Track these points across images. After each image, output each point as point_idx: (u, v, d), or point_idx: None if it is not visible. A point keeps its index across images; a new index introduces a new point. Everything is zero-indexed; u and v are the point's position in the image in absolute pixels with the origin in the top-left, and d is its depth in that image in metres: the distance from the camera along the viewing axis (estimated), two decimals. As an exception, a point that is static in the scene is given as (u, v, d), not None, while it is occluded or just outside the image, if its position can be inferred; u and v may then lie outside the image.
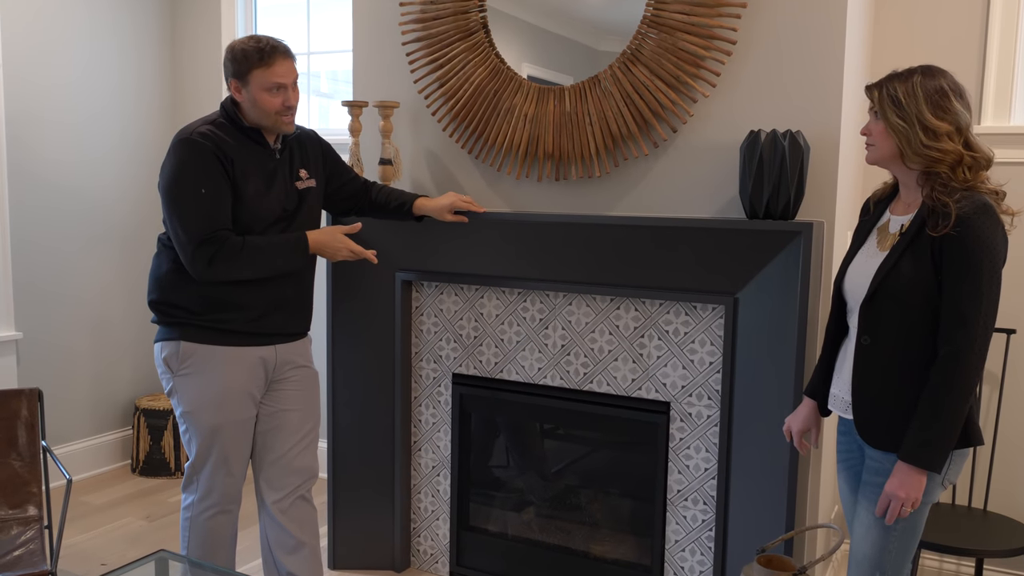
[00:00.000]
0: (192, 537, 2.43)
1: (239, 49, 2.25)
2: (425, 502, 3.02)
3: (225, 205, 2.24)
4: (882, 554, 1.88)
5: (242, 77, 2.25)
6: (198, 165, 2.21)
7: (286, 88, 2.26)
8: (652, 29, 2.44)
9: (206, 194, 2.20)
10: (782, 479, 2.34)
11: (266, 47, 2.23)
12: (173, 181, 2.22)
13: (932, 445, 1.76)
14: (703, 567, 2.56)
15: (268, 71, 2.22)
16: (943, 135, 1.76)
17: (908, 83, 1.79)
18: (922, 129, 1.77)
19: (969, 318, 1.73)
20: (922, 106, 1.77)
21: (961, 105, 1.78)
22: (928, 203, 1.78)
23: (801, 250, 2.24)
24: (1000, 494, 2.74)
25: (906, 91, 1.79)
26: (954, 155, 1.76)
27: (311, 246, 2.36)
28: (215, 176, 2.21)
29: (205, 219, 2.20)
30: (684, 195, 2.53)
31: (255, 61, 2.23)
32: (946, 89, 1.78)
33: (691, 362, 2.51)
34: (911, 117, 1.78)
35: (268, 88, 2.24)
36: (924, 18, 2.76)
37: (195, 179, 2.20)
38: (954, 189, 1.76)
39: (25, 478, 2.57)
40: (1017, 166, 2.65)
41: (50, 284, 3.74)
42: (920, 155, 1.79)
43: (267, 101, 2.25)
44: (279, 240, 2.31)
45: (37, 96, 3.64)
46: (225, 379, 2.32)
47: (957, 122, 1.77)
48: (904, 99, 1.78)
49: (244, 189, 2.26)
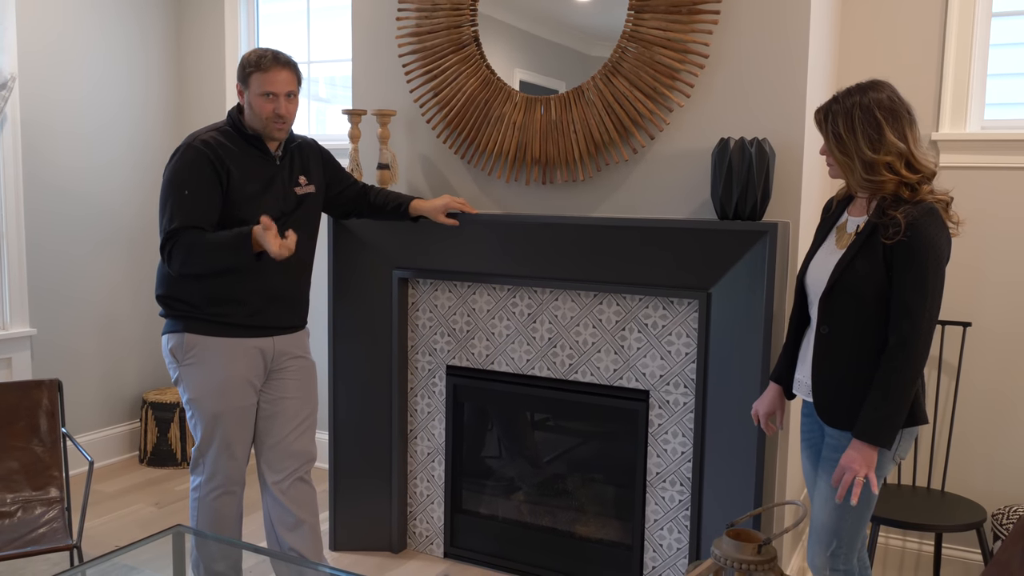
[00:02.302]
0: (200, 516, 2.60)
1: (246, 56, 2.46)
2: (421, 487, 3.20)
3: (204, 208, 2.39)
4: (839, 523, 2.06)
5: (244, 81, 2.45)
6: (189, 169, 2.39)
7: (278, 97, 2.42)
8: (631, 43, 2.63)
9: (188, 195, 2.38)
10: (751, 461, 2.53)
11: (266, 55, 2.43)
12: (167, 180, 2.42)
13: (883, 424, 1.94)
14: (680, 544, 2.74)
15: (263, 77, 2.41)
16: (881, 166, 1.93)
17: (849, 117, 1.95)
18: (861, 164, 1.96)
19: (915, 310, 1.91)
20: (860, 142, 1.94)
21: (896, 134, 1.93)
22: (873, 219, 1.97)
23: (767, 248, 2.43)
24: (956, 476, 2.93)
25: (846, 126, 1.96)
26: (892, 183, 1.94)
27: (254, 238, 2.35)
28: (203, 181, 2.39)
29: (179, 217, 2.37)
30: (661, 198, 2.72)
31: (254, 67, 2.43)
32: (881, 121, 1.93)
33: (668, 353, 2.70)
34: (851, 152, 1.96)
35: (262, 94, 2.42)
36: (885, 32, 2.95)
37: (182, 181, 2.39)
38: (901, 201, 1.95)
39: (47, 462, 2.75)
40: (972, 170, 2.85)
41: (62, 284, 3.91)
42: (862, 186, 1.99)
43: (261, 106, 2.43)
44: (226, 236, 2.36)
45: (51, 108, 3.82)
46: (226, 368, 2.49)
47: (896, 150, 1.93)
48: (845, 135, 1.96)
49: (241, 192, 2.44)
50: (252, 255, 2.36)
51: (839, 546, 2.08)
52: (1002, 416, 2.87)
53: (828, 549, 2.09)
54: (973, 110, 2.87)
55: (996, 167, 2.81)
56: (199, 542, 2.55)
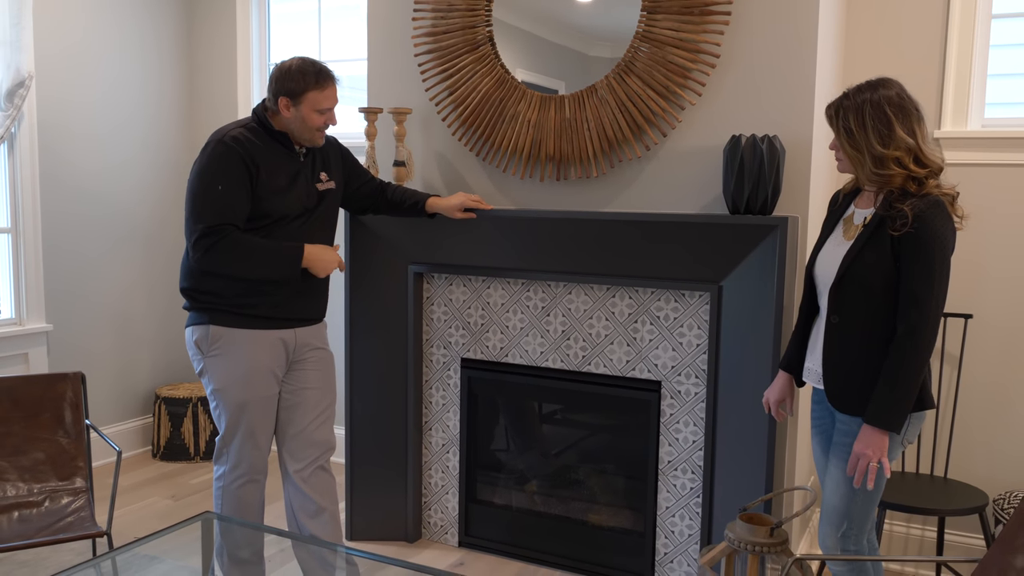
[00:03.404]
0: (224, 504, 2.66)
1: (296, 69, 2.45)
2: (435, 478, 3.26)
3: (237, 204, 2.44)
4: (850, 505, 2.14)
5: (295, 96, 2.46)
6: (221, 164, 2.44)
7: (331, 111, 2.51)
8: (644, 43, 2.71)
9: (222, 191, 2.42)
10: (762, 448, 2.60)
11: (323, 71, 2.47)
12: (197, 174, 2.46)
13: (892, 409, 2.02)
14: (691, 531, 2.82)
15: (322, 94, 2.46)
16: (890, 161, 2.01)
17: (860, 112, 2.03)
18: (871, 159, 2.03)
19: (923, 300, 1.99)
20: (871, 137, 2.02)
21: (905, 129, 2.01)
22: (880, 212, 2.05)
23: (778, 242, 2.50)
24: (959, 463, 3.02)
25: (856, 122, 2.03)
26: (900, 177, 2.02)
27: (304, 259, 2.51)
28: (235, 177, 2.44)
29: (214, 212, 2.42)
30: (673, 193, 2.79)
31: (312, 83, 2.45)
32: (891, 117, 2.01)
33: (680, 344, 2.77)
34: (862, 147, 2.04)
35: (320, 109, 2.48)
36: (889, 33, 3.03)
37: (215, 176, 2.43)
38: (908, 195, 2.03)
39: (72, 453, 2.81)
40: (974, 167, 2.93)
41: (78, 282, 3.97)
42: (870, 179, 2.07)
43: (314, 120, 2.49)
44: (275, 247, 2.46)
45: (66, 110, 3.88)
46: (251, 359, 2.55)
47: (904, 145, 2.01)
48: (856, 130, 2.03)
49: (268, 187, 2.49)
50: (299, 272, 2.47)
51: (849, 527, 2.15)
52: (1002, 405, 2.96)
53: (839, 530, 2.16)
54: (974, 108, 2.96)
55: (997, 164, 2.90)
56: (224, 529, 2.61)
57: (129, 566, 2.38)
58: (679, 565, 2.85)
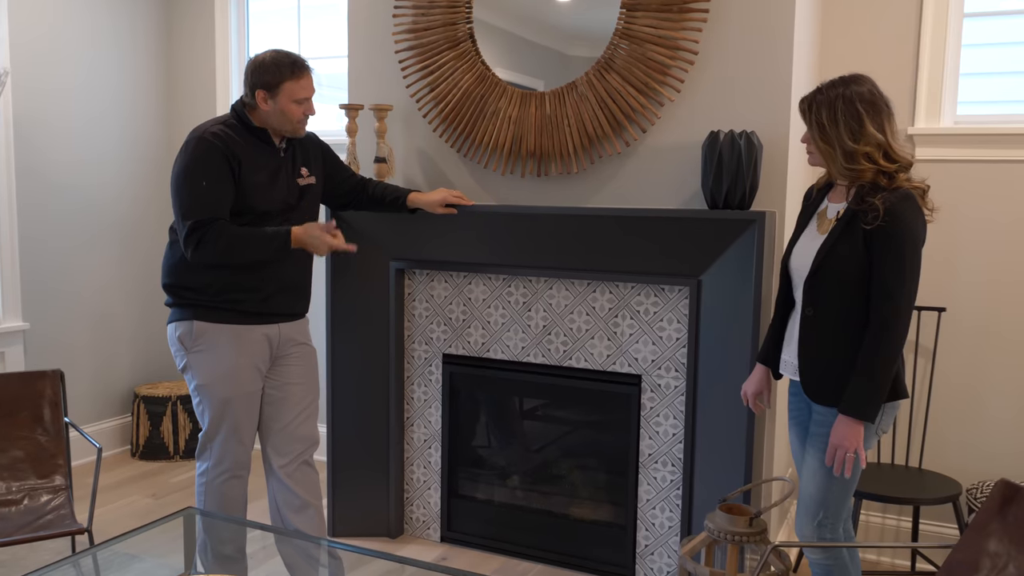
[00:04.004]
0: (208, 500, 2.66)
1: (270, 61, 2.47)
2: (418, 473, 3.27)
3: (223, 198, 2.46)
4: (826, 494, 2.18)
5: (272, 88, 2.47)
6: (204, 160, 2.44)
7: (309, 100, 2.51)
8: (624, 40, 2.74)
9: (206, 186, 2.44)
10: (741, 440, 2.64)
11: (298, 62, 2.48)
12: (180, 172, 2.46)
13: (866, 399, 2.06)
14: (671, 522, 2.85)
15: (298, 84, 2.47)
16: (860, 156, 2.05)
17: (832, 108, 2.06)
18: (842, 154, 2.07)
19: (895, 291, 2.03)
20: (842, 133, 2.06)
21: (875, 125, 2.05)
22: (853, 206, 2.08)
23: (756, 236, 2.54)
24: (933, 453, 3.07)
25: (828, 117, 2.07)
26: (871, 171, 2.06)
27: (293, 242, 2.52)
28: (218, 172, 2.45)
29: (201, 207, 2.43)
30: (653, 189, 2.83)
31: (287, 74, 2.46)
32: (862, 113, 2.04)
33: (660, 338, 2.80)
34: (833, 141, 2.07)
35: (297, 100, 2.48)
36: (864, 32, 3.08)
37: (199, 172, 2.44)
38: (879, 188, 2.07)
39: (51, 451, 2.79)
40: (946, 163, 2.99)
41: (54, 278, 3.94)
42: (842, 174, 2.11)
43: (293, 111, 2.49)
44: (262, 233, 2.50)
45: (42, 100, 3.84)
46: (234, 355, 2.55)
47: (875, 141, 2.05)
48: (827, 125, 2.07)
49: (250, 183, 2.50)
50: (287, 252, 2.51)
51: (826, 516, 2.19)
52: (975, 397, 3.01)
53: (815, 519, 2.20)
54: (946, 106, 3.02)
55: (969, 160, 2.96)
56: (207, 525, 2.61)
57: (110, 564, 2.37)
58: (659, 557, 2.88)
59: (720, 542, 2.26)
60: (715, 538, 2.26)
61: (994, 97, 3.07)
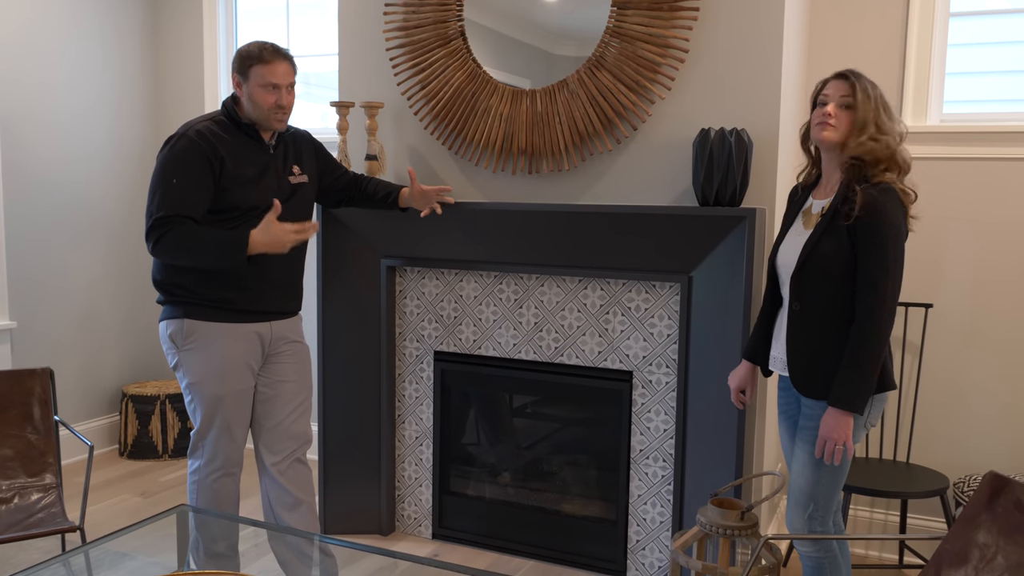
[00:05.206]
0: (200, 498, 2.65)
1: (246, 47, 2.50)
2: (409, 470, 3.28)
3: (191, 198, 2.43)
4: (816, 487, 2.20)
5: (243, 73, 2.49)
6: (180, 158, 2.44)
7: (280, 88, 2.49)
8: (614, 38, 2.75)
9: (176, 184, 2.42)
10: (731, 435, 2.66)
11: (269, 47, 2.49)
12: (157, 168, 2.47)
13: (855, 391, 2.08)
14: (663, 517, 2.87)
15: (265, 68, 2.46)
16: (890, 133, 2.11)
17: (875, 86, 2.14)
18: (875, 126, 2.10)
19: (879, 283, 2.06)
20: (880, 107, 2.12)
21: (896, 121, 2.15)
22: (841, 193, 2.11)
23: (746, 233, 2.56)
24: (920, 448, 3.11)
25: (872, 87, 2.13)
26: (888, 151, 2.10)
27: (252, 247, 2.43)
28: (193, 171, 2.43)
29: (168, 204, 2.42)
30: (644, 186, 2.84)
31: (256, 59, 2.47)
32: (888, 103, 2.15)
33: (651, 335, 2.82)
34: (869, 113, 2.10)
35: (264, 85, 2.47)
36: (851, 31, 3.11)
37: (172, 170, 2.43)
38: (864, 181, 2.09)
39: (41, 449, 2.77)
40: (932, 161, 3.02)
41: (41, 276, 3.91)
42: (860, 147, 2.09)
43: (262, 97, 2.48)
44: (219, 237, 2.43)
45: (27, 96, 3.82)
46: (226, 352, 2.54)
47: (901, 128, 2.14)
48: (871, 91, 2.12)
49: (234, 179, 2.49)
50: (244, 261, 2.43)
51: (816, 509, 2.21)
52: (961, 392, 3.05)
53: (806, 512, 2.23)
54: (933, 104, 3.05)
55: (955, 158, 2.99)
56: (200, 523, 2.60)
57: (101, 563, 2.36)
58: (651, 552, 2.90)
59: (712, 536, 2.28)
60: (707, 532, 2.28)
61: (980, 96, 3.11)
